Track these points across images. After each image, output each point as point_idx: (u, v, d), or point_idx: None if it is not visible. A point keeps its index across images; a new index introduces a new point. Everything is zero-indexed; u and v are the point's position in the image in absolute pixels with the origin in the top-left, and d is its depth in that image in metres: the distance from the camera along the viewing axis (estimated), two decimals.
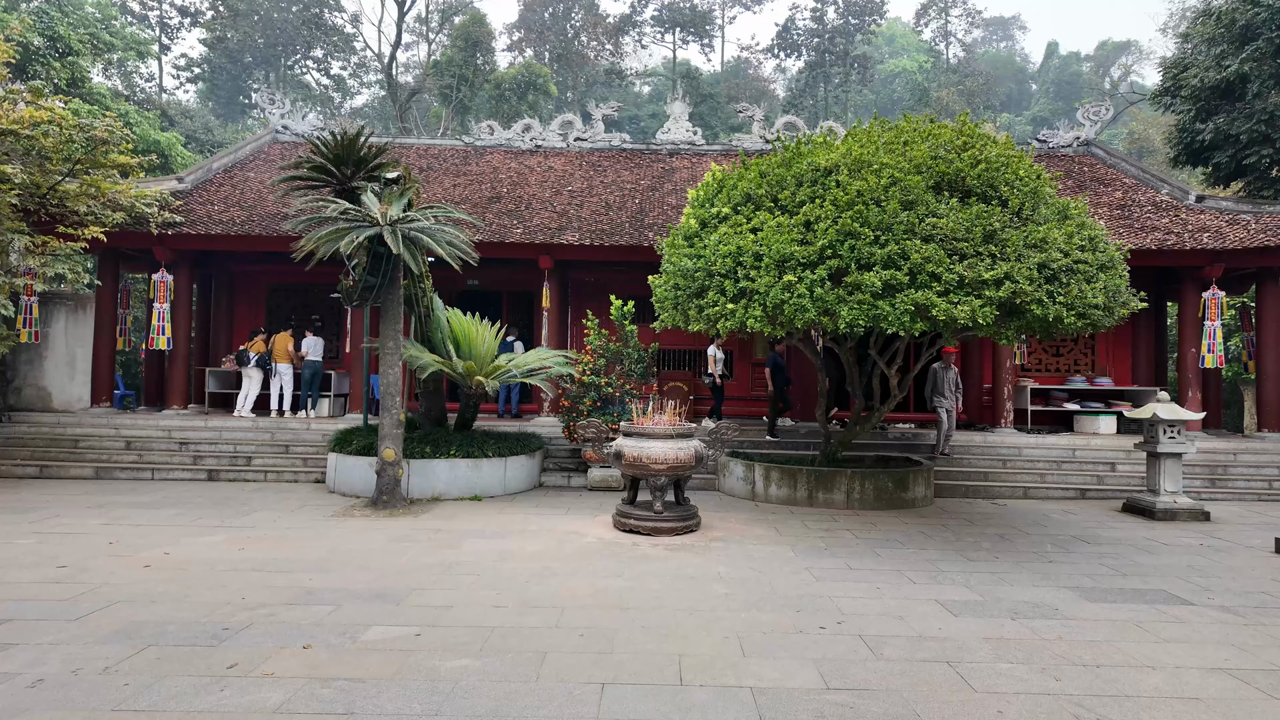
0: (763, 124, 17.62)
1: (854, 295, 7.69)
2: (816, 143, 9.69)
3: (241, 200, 14.14)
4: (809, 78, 45.24)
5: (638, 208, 14.69)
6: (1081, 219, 8.34)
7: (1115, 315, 8.24)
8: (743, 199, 9.17)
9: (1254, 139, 16.15)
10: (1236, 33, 16.64)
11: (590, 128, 17.86)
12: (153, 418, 13.00)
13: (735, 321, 8.42)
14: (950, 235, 7.65)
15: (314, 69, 42.89)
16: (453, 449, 10.42)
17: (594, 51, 44.79)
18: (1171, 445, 9.76)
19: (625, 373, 11.95)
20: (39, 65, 19.24)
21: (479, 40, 36.27)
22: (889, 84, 54.08)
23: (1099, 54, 55.38)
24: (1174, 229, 13.03)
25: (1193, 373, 13.14)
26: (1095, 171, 15.72)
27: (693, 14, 46.87)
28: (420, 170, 15.98)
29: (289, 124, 17.30)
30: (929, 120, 9.55)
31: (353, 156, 9.95)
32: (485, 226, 13.33)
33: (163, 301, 13.23)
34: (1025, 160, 8.64)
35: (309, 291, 15.48)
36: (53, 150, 10.90)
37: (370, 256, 9.31)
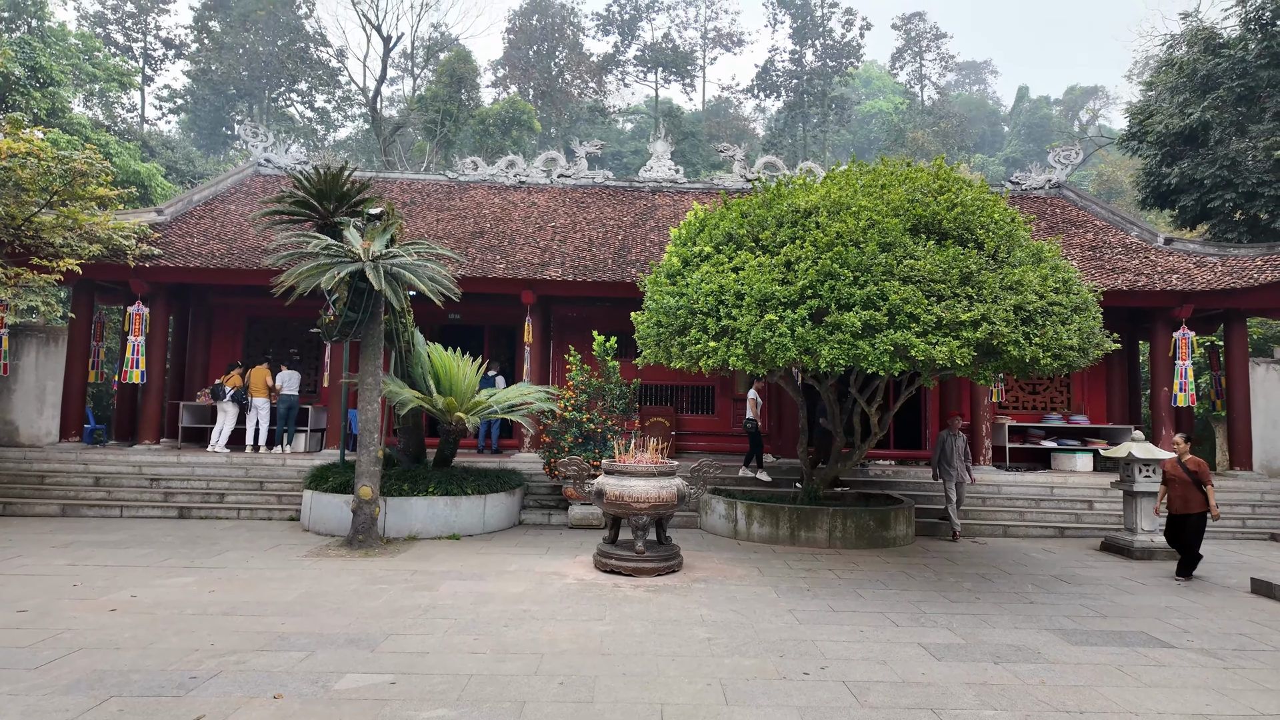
0: (743, 163, 17.91)
1: (834, 335, 7.77)
2: (796, 184, 9.86)
3: (222, 233, 14.06)
4: (788, 117, 46.26)
5: (620, 244, 14.80)
6: (1055, 261, 8.52)
7: (1090, 356, 8.39)
8: (724, 238, 9.28)
9: (1218, 183, 16.69)
10: (1198, 82, 17.29)
11: (574, 165, 18.04)
12: (123, 453, 12.72)
13: (717, 359, 8.45)
14: (928, 277, 7.77)
15: (298, 101, 43.11)
16: (431, 486, 10.28)
17: (578, 89, 45.50)
18: (1147, 484, 9.87)
19: (607, 409, 11.91)
20: (19, 95, 19.15)
21: (464, 76, 36.71)
22: (866, 124, 55.42)
23: (1068, 98, 57.23)
24: (1144, 270, 13.35)
25: (1166, 411, 13.36)
26: (1067, 213, 16.11)
27: (674, 54, 47.88)
28: (404, 205, 16.02)
29: (271, 157, 17.30)
30: (906, 164, 9.77)
31: (335, 192, 9.94)
32: (468, 262, 13.35)
33: (138, 334, 13.04)
34: (1000, 204, 8.84)
35: (287, 325, 15.34)
36: (30, 182, 10.79)
37: (351, 292, 9.26)
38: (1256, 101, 16.76)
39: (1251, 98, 16.78)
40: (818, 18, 46.51)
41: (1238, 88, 16.63)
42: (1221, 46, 17.26)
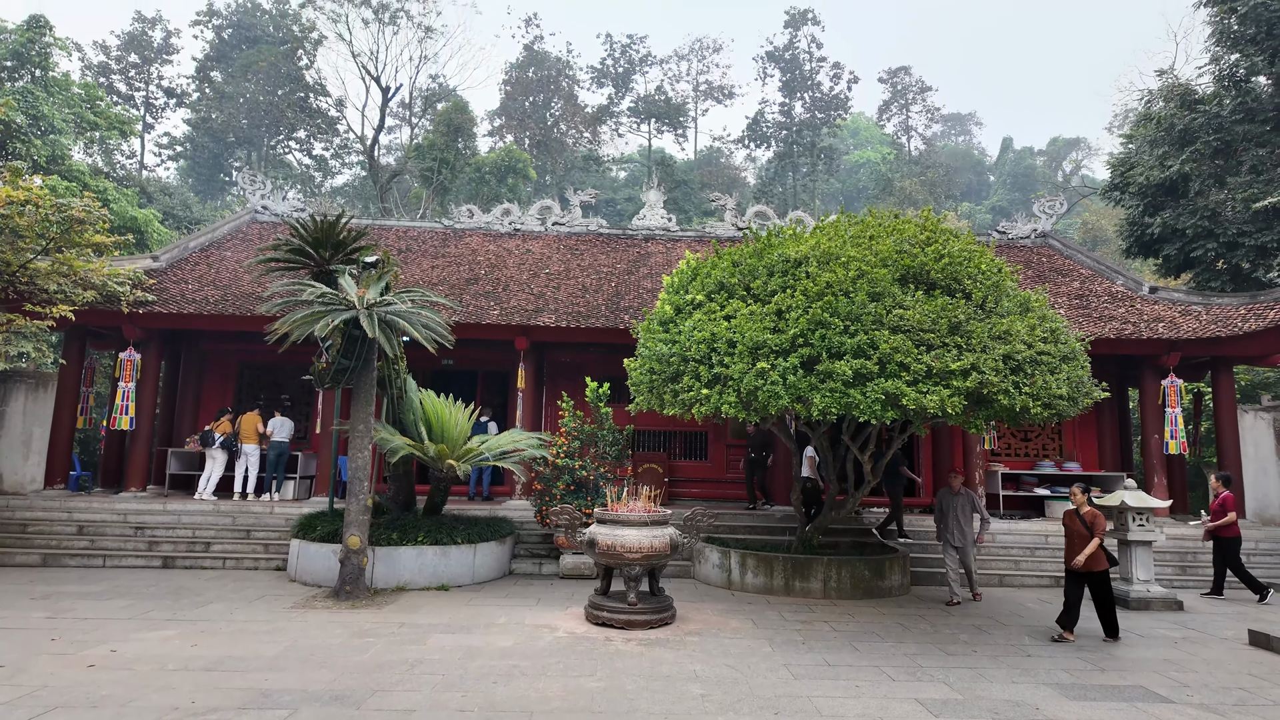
0: (735, 212, 18.21)
1: (826, 383, 7.81)
2: (786, 234, 10.02)
3: (217, 279, 14.12)
4: (778, 167, 47.17)
5: (614, 291, 14.93)
6: (1043, 311, 8.64)
7: (1079, 405, 8.45)
8: (716, 287, 9.38)
9: (1199, 233, 17.04)
10: (1176, 136, 17.79)
11: (568, 213, 18.29)
12: (108, 500, 12.54)
13: (710, 406, 8.48)
14: (917, 326, 7.86)
15: (296, 149, 43.73)
16: (420, 535, 10.15)
17: (573, 139, 46.39)
18: (1141, 533, 9.84)
19: (600, 455, 11.86)
20: (19, 143, 19.38)
21: (461, 126, 37.40)
22: (854, 173, 56.54)
23: (1051, 149, 58.67)
24: (1130, 319, 13.53)
25: (1157, 459, 13.39)
26: (1053, 262, 16.38)
27: (667, 106, 48.98)
28: (399, 252, 16.16)
29: (269, 204, 17.49)
30: (893, 215, 9.97)
31: (332, 239, 10.05)
32: (462, 308, 13.42)
33: (128, 380, 12.98)
34: (987, 255, 8.99)
35: (279, 371, 15.30)
36: (27, 229, 10.86)
37: (345, 339, 9.28)
38: (1233, 155, 17.23)
39: (1228, 151, 17.26)
40: (806, 72, 47.81)
41: (1214, 141, 17.11)
42: (1197, 102, 17.82)
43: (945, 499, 10.14)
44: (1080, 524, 8.14)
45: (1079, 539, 8.09)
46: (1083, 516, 8.15)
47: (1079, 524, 8.16)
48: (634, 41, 49.96)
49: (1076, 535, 8.14)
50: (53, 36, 22.49)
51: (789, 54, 48.05)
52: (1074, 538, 8.17)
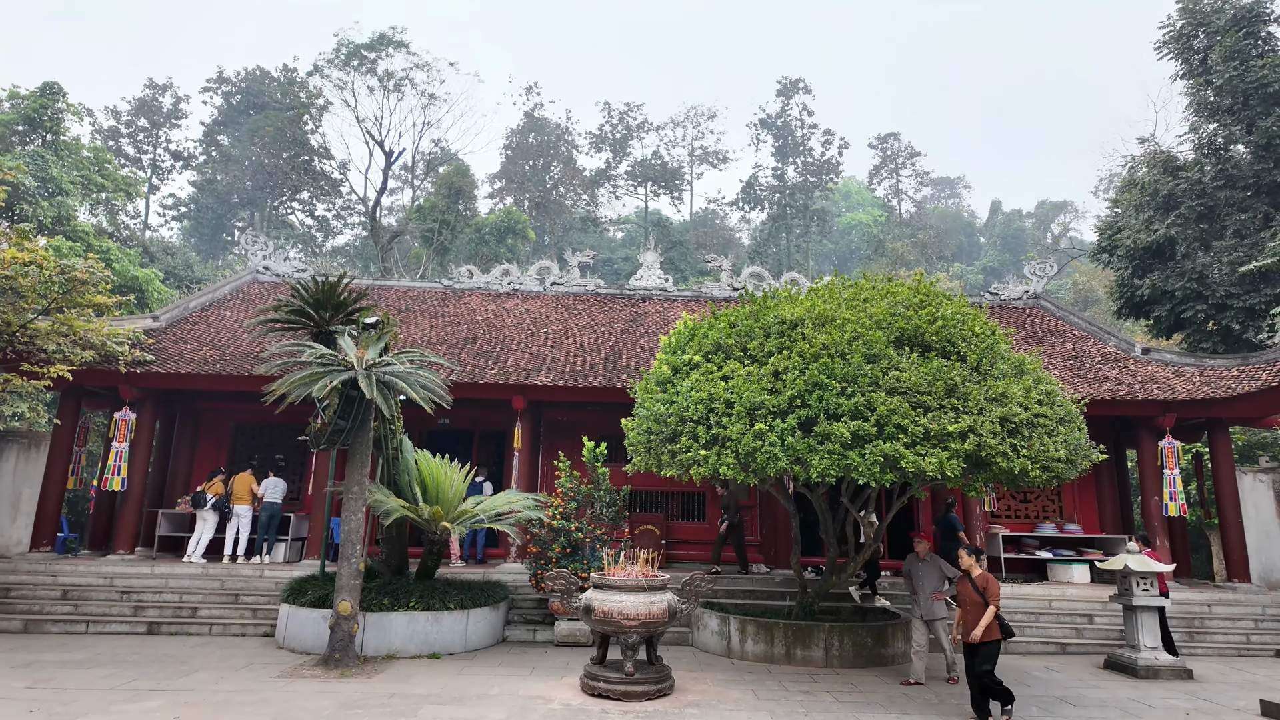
0: (730, 273, 18.46)
1: (824, 445, 7.80)
2: (782, 296, 10.16)
3: (216, 339, 14.18)
4: (772, 228, 48.10)
5: (611, 350, 15.01)
6: (1038, 373, 8.71)
7: (1078, 467, 8.43)
8: (713, 347, 9.45)
9: (1188, 295, 17.31)
10: (1160, 201, 18.24)
11: (566, 273, 18.53)
12: (95, 563, 12.29)
13: (708, 468, 8.44)
14: (913, 388, 7.90)
15: (299, 209, 44.49)
16: (412, 601, 9.94)
17: (571, 200, 47.34)
18: (1146, 598, 9.68)
19: (596, 516, 11.72)
20: (27, 204, 19.71)
21: (462, 188, 38.20)
22: (847, 234, 57.62)
23: (1039, 211, 59.98)
24: (1124, 380, 13.61)
25: (1158, 521, 13.27)
26: (1046, 323, 16.56)
27: (663, 170, 50.21)
28: (399, 312, 16.29)
29: (270, 264, 17.69)
30: (887, 279, 10.13)
31: (332, 301, 10.15)
32: (460, 368, 13.45)
33: (122, 440, 12.88)
34: (980, 317, 9.11)
35: (274, 431, 15.21)
36: (29, 290, 10.94)
37: (342, 399, 9.27)
38: (1217, 219, 17.64)
39: (1212, 215, 17.68)
40: (798, 138, 49.22)
41: (1198, 206, 17.54)
42: (1179, 169, 18.33)
43: (912, 566, 9.36)
44: (973, 590, 7.39)
45: (973, 607, 7.33)
46: (974, 581, 7.43)
47: (972, 590, 7.40)
48: (631, 109, 51.57)
49: (970, 603, 7.38)
50: (65, 102, 23.14)
51: (781, 121, 49.55)
52: (968, 606, 7.40)
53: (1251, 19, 17.91)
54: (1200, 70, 18.52)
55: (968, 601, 7.44)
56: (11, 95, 22.56)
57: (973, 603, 7.37)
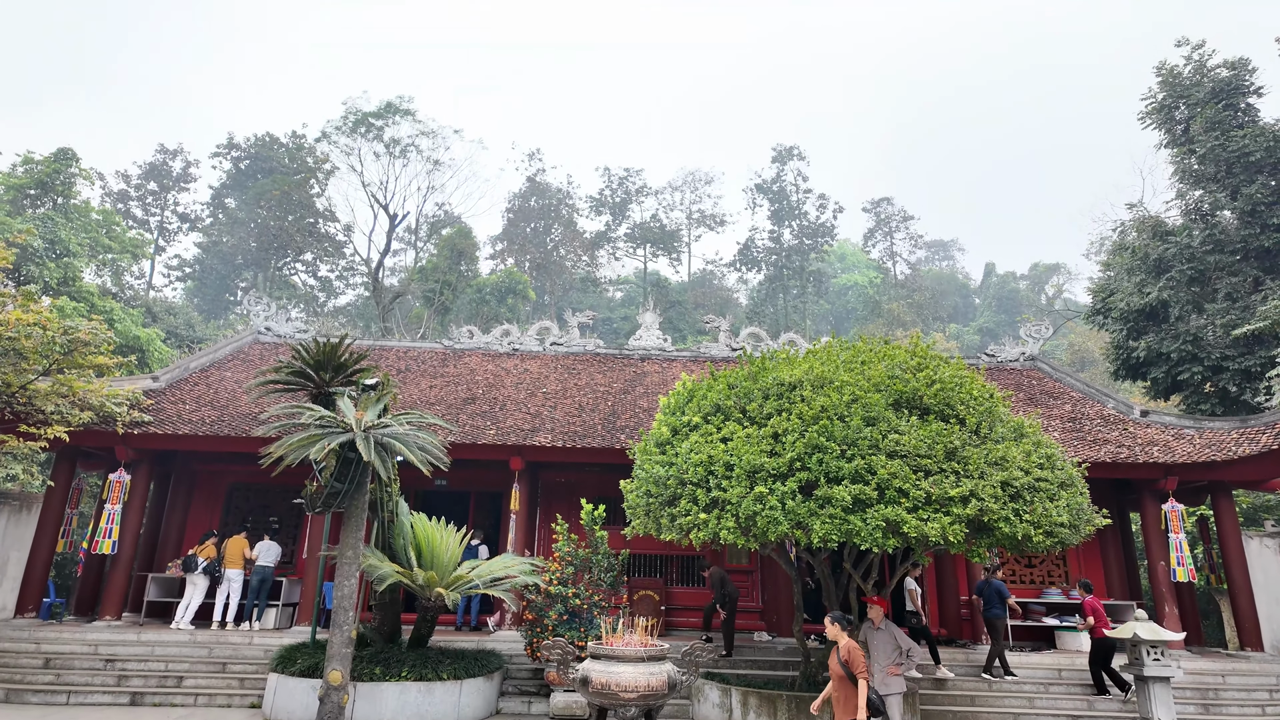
0: (728, 334, 18.61)
1: (825, 509, 7.74)
2: (780, 358, 10.22)
3: (215, 400, 14.17)
4: (769, 289, 48.71)
5: (610, 410, 15.00)
6: (1037, 437, 8.71)
7: (1081, 532, 8.35)
8: (712, 409, 9.46)
9: (1184, 357, 17.42)
10: (1151, 264, 18.54)
11: (566, 333, 18.67)
12: (80, 630, 11.99)
13: (708, 532, 8.34)
14: (914, 452, 7.89)
15: (302, 270, 45.07)
16: (405, 670, 9.67)
17: (571, 262, 48.08)
18: (1158, 668, 9.44)
19: (594, 582, 11.50)
20: (34, 265, 19.98)
21: (464, 250, 38.83)
22: (843, 295, 58.30)
23: (1033, 273, 60.84)
24: (1124, 442, 13.58)
25: (1166, 587, 13.04)
26: (1044, 385, 16.61)
27: (662, 233, 51.13)
28: (399, 372, 16.34)
29: (272, 325, 17.83)
30: (884, 341, 10.22)
31: (333, 362, 10.19)
32: (459, 428, 13.42)
33: (115, 502, 12.72)
34: (978, 380, 9.16)
35: (270, 492, 15.06)
36: (31, 351, 11.00)
37: (340, 462, 9.21)
38: (1208, 282, 17.90)
39: (1203, 279, 17.95)
40: (793, 202, 50.30)
41: (1189, 270, 17.83)
42: (1168, 233, 18.71)
43: (866, 635, 8.66)
44: (839, 665, 6.68)
45: (841, 683, 6.68)
46: (840, 654, 6.72)
47: (839, 665, 6.69)
48: (630, 174, 52.80)
49: (838, 678, 6.71)
50: (78, 167, 23.72)
51: (777, 186, 50.71)
52: (838, 682, 6.71)
53: (1230, 91, 18.57)
54: (1183, 139, 19.09)
55: (836, 678, 6.81)
56: (26, 160, 23.13)
57: (840, 678, 6.73)
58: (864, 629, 8.87)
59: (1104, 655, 11.09)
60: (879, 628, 8.71)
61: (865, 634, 8.78)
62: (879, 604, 8.88)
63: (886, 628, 8.71)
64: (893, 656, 8.46)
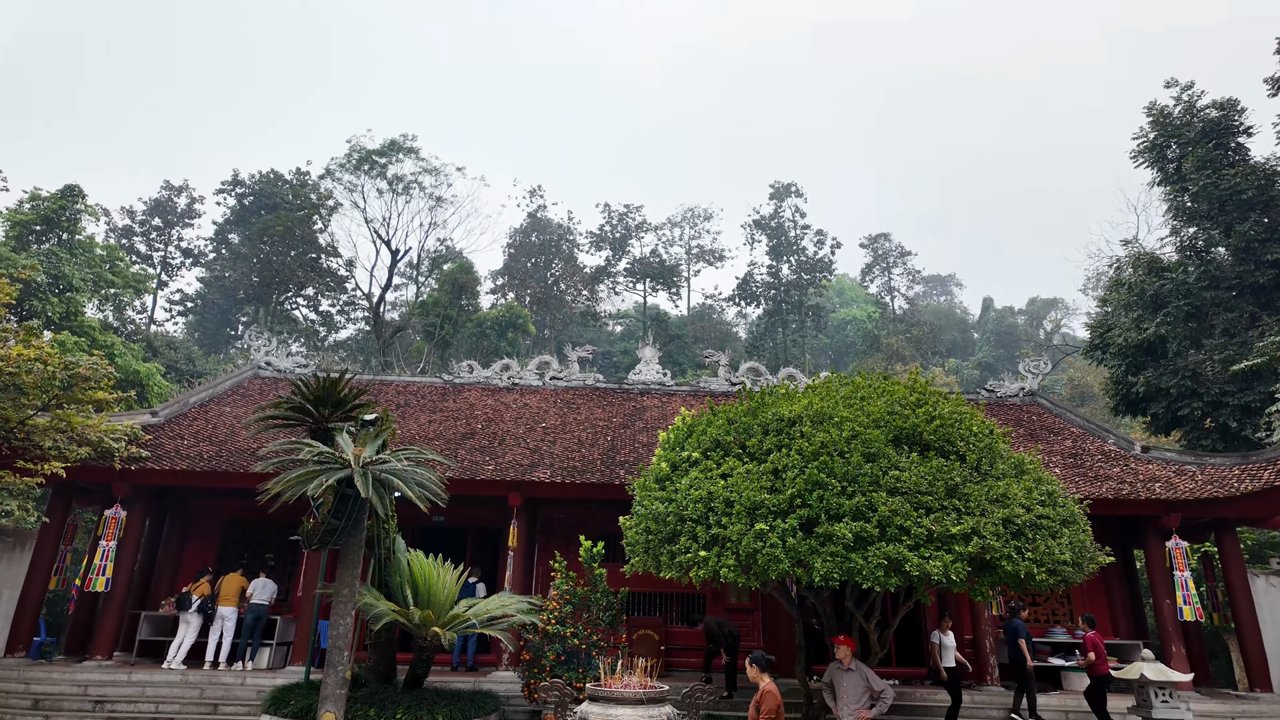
0: (728, 368, 18.64)
1: (826, 546, 7.68)
2: (779, 393, 10.23)
3: (213, 435, 14.14)
4: (768, 323, 48.87)
5: (609, 445, 14.95)
6: (1038, 474, 8.68)
7: (1085, 570, 8.28)
8: (712, 444, 9.45)
9: (1183, 393, 17.41)
10: (1148, 300, 18.65)
11: (566, 368, 18.70)
12: (70, 670, 11.79)
13: (708, 570, 8.26)
14: (914, 488, 7.86)
15: (303, 305, 45.24)
16: (400, 712, 9.46)
17: (572, 296, 48.32)
18: (1166, 710, 9.27)
19: (593, 621, 11.34)
20: (37, 300, 20.07)
21: (465, 285, 39.05)
22: (841, 329, 58.48)
23: (1030, 308, 61.15)
24: (1126, 478, 13.51)
25: (1172, 626, 12.86)
26: (1044, 420, 16.58)
27: (661, 268, 51.45)
28: (398, 407, 16.32)
29: (272, 360, 17.86)
30: (883, 377, 10.25)
31: (332, 397, 10.19)
32: (458, 464, 13.37)
33: (110, 539, 12.61)
34: (977, 416, 9.16)
35: (266, 528, 14.90)
36: (31, 386, 11.01)
37: (337, 498, 9.16)
38: (1205, 318, 17.99)
39: (1200, 315, 18.04)
40: (791, 238, 50.73)
41: (1185, 306, 17.93)
42: (1164, 270, 18.85)
43: (833, 676, 8.35)
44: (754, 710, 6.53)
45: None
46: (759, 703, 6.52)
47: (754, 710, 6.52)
48: (630, 210, 53.32)
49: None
50: (84, 204, 23.97)
51: (775, 222, 51.19)
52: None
53: (1220, 131, 18.87)
54: (1176, 177, 19.35)
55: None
56: (33, 197, 23.40)
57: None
58: (830, 670, 8.50)
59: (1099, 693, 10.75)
60: (848, 668, 8.27)
61: (831, 675, 8.42)
62: (846, 643, 8.44)
63: (857, 668, 8.29)
64: (862, 700, 8.08)
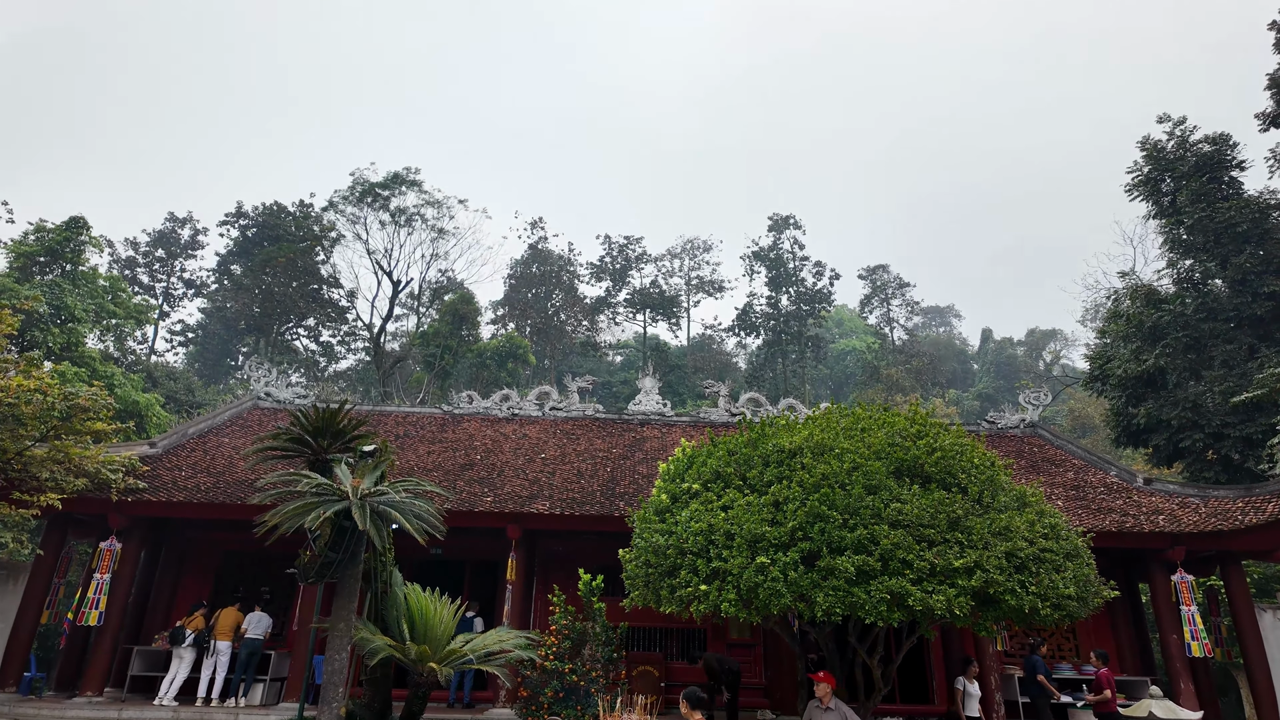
0: (728, 399, 18.63)
1: (828, 580, 7.60)
2: (780, 424, 10.20)
3: (211, 466, 14.07)
4: (768, 354, 48.92)
5: (609, 476, 14.88)
6: (1040, 506, 8.62)
7: (1090, 605, 8.18)
8: (712, 476, 9.39)
9: (1184, 424, 17.37)
10: (1146, 332, 18.70)
11: (566, 398, 18.68)
12: (60, 706, 11.59)
13: (709, 604, 8.16)
14: (916, 521, 7.80)
15: (304, 335, 45.35)
16: None
17: (572, 326, 48.48)
18: None
19: (591, 657, 11.18)
20: (38, 331, 20.13)
21: (466, 315, 39.19)
22: (841, 360, 58.56)
23: (1029, 339, 61.25)
24: (1129, 511, 13.42)
25: (1180, 662, 12.68)
26: (1045, 452, 16.52)
27: (661, 298, 51.70)
28: (397, 438, 16.27)
29: (272, 391, 17.85)
30: (883, 407, 10.22)
31: (331, 428, 10.16)
32: (456, 495, 13.29)
33: (105, 571, 12.48)
34: (979, 448, 9.12)
35: (262, 561, 14.76)
36: (30, 417, 10.99)
37: (335, 530, 9.09)
38: (1204, 350, 18.02)
39: (1198, 346, 18.07)
40: (790, 269, 51.01)
41: (1184, 338, 17.97)
42: (1162, 301, 18.93)
43: (813, 715, 7.86)
44: None
45: None
46: None
47: None
48: (630, 242, 53.73)
49: None
50: (88, 235, 24.16)
51: (774, 253, 51.52)
52: None
53: (1214, 165, 19.10)
54: (1171, 210, 19.53)
55: None
56: (38, 229, 23.59)
57: None
58: (810, 709, 8.02)
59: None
60: (827, 707, 7.70)
61: (811, 714, 7.93)
62: (825, 680, 7.89)
63: (836, 707, 7.73)
64: None
